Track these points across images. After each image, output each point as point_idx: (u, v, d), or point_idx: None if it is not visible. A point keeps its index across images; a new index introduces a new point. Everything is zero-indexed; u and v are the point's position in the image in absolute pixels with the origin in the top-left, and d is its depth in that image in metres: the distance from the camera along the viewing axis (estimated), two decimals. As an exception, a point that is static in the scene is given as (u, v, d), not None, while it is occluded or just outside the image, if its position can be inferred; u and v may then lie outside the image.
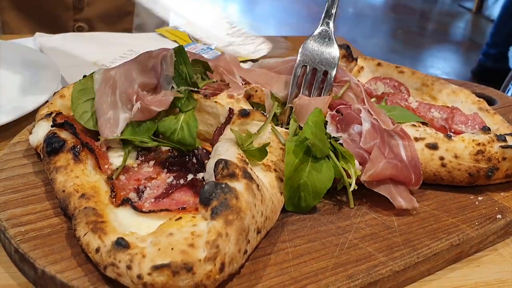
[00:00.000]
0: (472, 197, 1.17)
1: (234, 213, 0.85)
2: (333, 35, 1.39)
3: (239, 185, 0.90)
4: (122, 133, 1.11)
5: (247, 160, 0.99)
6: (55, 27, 2.09)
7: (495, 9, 9.08)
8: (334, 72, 1.33)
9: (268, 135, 1.11)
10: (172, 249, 0.80)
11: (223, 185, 0.88)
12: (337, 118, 1.22)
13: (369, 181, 1.10)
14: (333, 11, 1.40)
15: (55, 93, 1.26)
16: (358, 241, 1.00)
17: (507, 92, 2.64)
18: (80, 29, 2.17)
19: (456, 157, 1.17)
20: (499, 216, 1.11)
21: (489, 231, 1.08)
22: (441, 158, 1.17)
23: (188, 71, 1.18)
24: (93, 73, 1.22)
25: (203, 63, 1.25)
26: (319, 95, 1.32)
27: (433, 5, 9.72)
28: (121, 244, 0.82)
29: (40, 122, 1.15)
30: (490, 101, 1.61)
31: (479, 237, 1.06)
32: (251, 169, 0.97)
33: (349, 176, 1.08)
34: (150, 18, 2.34)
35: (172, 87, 1.15)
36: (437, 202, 1.14)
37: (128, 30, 2.28)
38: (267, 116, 1.16)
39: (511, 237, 1.14)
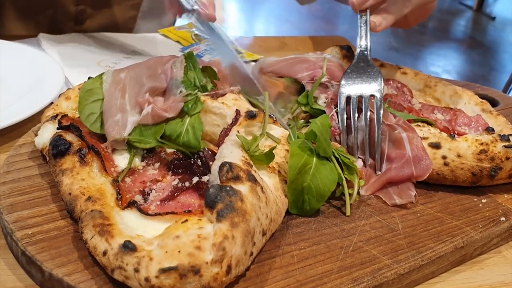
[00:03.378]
0: (475, 200, 1.17)
1: (240, 215, 0.86)
2: (369, 58, 1.37)
3: (243, 188, 0.90)
4: (129, 135, 1.12)
5: (251, 162, 1.00)
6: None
7: (495, 6, 9.08)
8: (380, 95, 1.25)
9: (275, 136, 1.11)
10: (179, 251, 0.81)
11: (228, 188, 0.88)
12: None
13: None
14: (363, 33, 1.40)
15: (60, 94, 1.27)
16: (363, 243, 1.00)
17: (509, 93, 2.64)
18: None
19: (459, 156, 1.18)
20: (503, 218, 1.11)
21: (493, 234, 1.08)
22: (444, 157, 1.18)
23: (197, 75, 1.19)
24: (102, 74, 1.23)
25: (211, 70, 1.26)
26: (372, 121, 1.22)
27: (434, 2, 9.70)
28: (128, 247, 0.83)
29: (46, 124, 1.16)
30: (493, 103, 1.61)
31: (483, 240, 1.07)
32: (256, 172, 0.97)
33: (351, 186, 1.09)
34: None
35: (181, 91, 1.16)
36: (440, 205, 1.15)
37: None
38: (274, 117, 1.17)
39: (514, 239, 1.15)
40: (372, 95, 1.26)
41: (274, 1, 8.57)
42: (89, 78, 1.24)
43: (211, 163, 1.03)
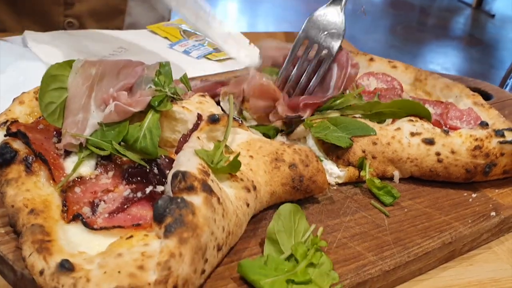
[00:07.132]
0: (465, 194, 1.14)
1: (190, 230, 0.79)
2: (343, 6, 1.36)
3: (197, 199, 0.84)
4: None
5: (209, 170, 0.93)
6: (45, 22, 2.04)
7: (495, 4, 9.05)
8: (336, 46, 1.28)
9: (239, 142, 1.05)
10: (119, 272, 0.75)
11: (179, 200, 0.82)
12: None
13: None
14: None
15: (14, 98, 1.15)
16: (347, 240, 0.97)
17: (505, 88, 2.60)
18: (70, 25, 2.12)
19: (452, 152, 1.14)
20: (493, 213, 1.08)
21: (482, 229, 1.05)
22: (437, 154, 1.15)
23: (167, 81, 1.11)
24: (71, 60, 1.13)
25: (186, 81, 1.20)
26: (314, 72, 1.30)
27: (433, 0, 9.68)
28: (65, 266, 0.77)
29: (-4, 131, 1.06)
30: (486, 96, 1.58)
31: (472, 235, 1.04)
32: (213, 181, 0.91)
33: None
34: (143, 17, 2.30)
35: (150, 87, 1.08)
36: (429, 200, 1.12)
37: (119, 28, 2.24)
38: (240, 120, 1.10)
39: (505, 235, 1.12)
40: (327, 48, 1.29)
41: (273, 1, 8.55)
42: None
43: (167, 171, 0.95)
